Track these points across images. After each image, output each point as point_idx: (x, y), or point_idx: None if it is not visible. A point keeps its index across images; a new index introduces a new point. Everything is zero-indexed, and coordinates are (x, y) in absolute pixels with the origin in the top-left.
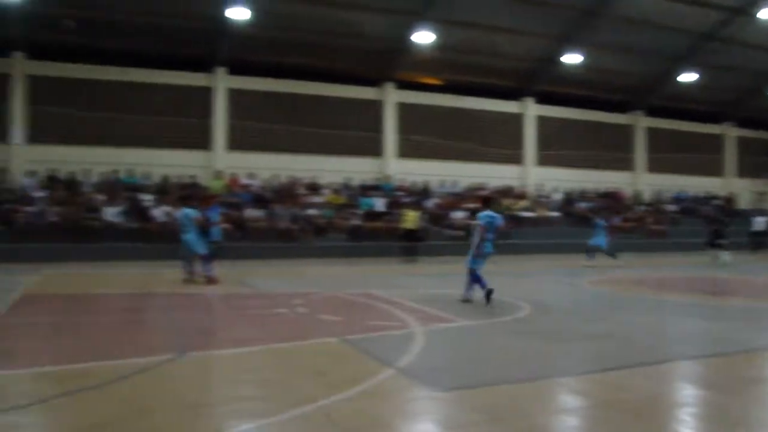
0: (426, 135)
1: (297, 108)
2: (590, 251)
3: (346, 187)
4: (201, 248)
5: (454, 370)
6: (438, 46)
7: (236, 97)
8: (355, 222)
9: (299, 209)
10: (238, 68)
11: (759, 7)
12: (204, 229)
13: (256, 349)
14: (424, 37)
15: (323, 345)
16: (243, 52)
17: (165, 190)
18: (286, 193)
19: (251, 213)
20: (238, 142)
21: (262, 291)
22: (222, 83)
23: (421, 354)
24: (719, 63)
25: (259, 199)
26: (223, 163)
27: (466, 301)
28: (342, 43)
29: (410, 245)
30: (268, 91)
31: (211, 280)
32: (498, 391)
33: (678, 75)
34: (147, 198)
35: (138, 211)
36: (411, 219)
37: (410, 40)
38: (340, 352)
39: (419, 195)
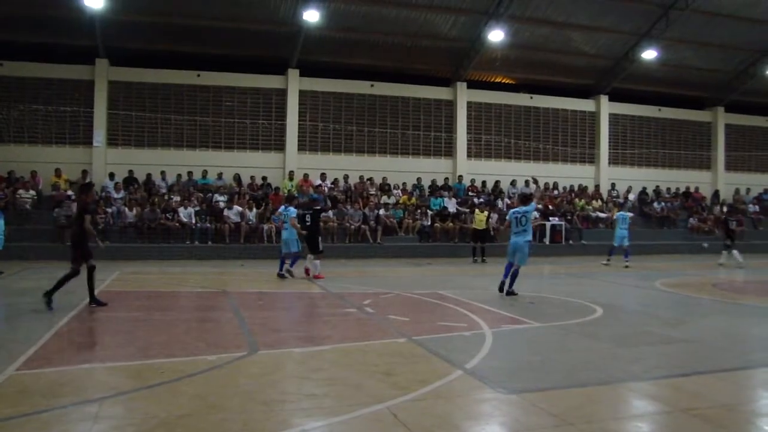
0: (497, 134)
1: (368, 108)
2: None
3: (416, 187)
4: (295, 246)
5: (523, 372)
6: (510, 44)
7: (308, 98)
8: (426, 222)
9: (370, 209)
10: (310, 70)
11: None
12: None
13: (325, 348)
14: (496, 35)
15: (392, 345)
16: (315, 54)
17: (238, 192)
18: (356, 194)
19: (322, 213)
20: (310, 143)
21: (332, 291)
22: (294, 85)
23: (490, 355)
24: None
25: (330, 200)
26: (294, 164)
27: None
28: (413, 43)
29: (480, 245)
30: (339, 92)
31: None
32: (567, 395)
33: (762, 70)
34: (220, 199)
35: (212, 212)
36: (480, 219)
37: (483, 38)
38: (409, 353)
39: (490, 195)
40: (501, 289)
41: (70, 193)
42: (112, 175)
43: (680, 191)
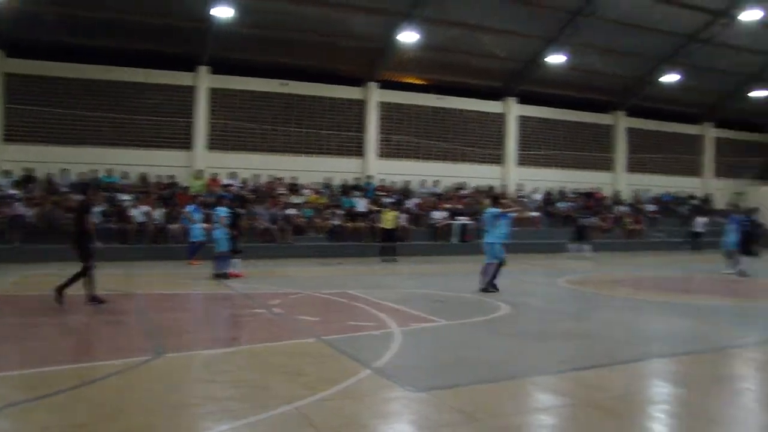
0: (408, 135)
1: (279, 107)
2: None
3: (327, 187)
4: (223, 246)
5: (432, 370)
6: (423, 46)
7: (218, 96)
8: (336, 222)
9: (279, 209)
10: (220, 67)
11: (740, 10)
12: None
13: (233, 349)
14: (409, 36)
15: (300, 345)
16: (225, 51)
17: (144, 190)
18: (266, 193)
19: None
20: (219, 141)
21: (240, 291)
22: (204, 82)
23: (399, 354)
24: (701, 64)
25: (240, 199)
26: (203, 162)
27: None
28: (325, 42)
29: (388, 245)
30: (252, 91)
31: (231, 276)
32: (475, 391)
33: (660, 76)
34: (126, 198)
35: (117, 212)
36: (389, 219)
37: (395, 39)
38: (318, 353)
39: (400, 195)
40: (494, 288)
41: None
42: (6, 173)
43: (584, 192)
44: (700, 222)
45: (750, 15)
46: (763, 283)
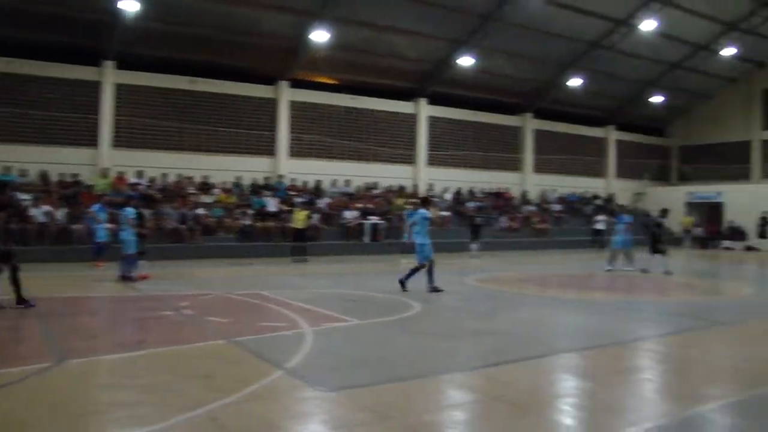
0: (319, 134)
1: (188, 105)
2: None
3: (237, 186)
4: (131, 248)
5: (344, 370)
6: (334, 46)
7: (124, 92)
8: (246, 222)
9: (188, 209)
10: (127, 62)
11: (640, 19)
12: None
13: (140, 353)
14: (320, 35)
15: (211, 347)
16: (132, 46)
17: (45, 189)
18: (175, 193)
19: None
20: (126, 139)
21: (148, 293)
22: (110, 77)
23: (311, 354)
24: (603, 70)
25: (147, 199)
26: (108, 160)
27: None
28: (236, 40)
29: (300, 245)
30: (159, 87)
31: (138, 278)
32: (386, 390)
33: (566, 80)
34: (25, 197)
35: (16, 212)
36: (300, 218)
37: (307, 38)
38: (229, 355)
39: (311, 194)
40: (435, 290)
41: None
42: None
43: (493, 192)
44: (601, 220)
45: (648, 25)
46: (660, 279)
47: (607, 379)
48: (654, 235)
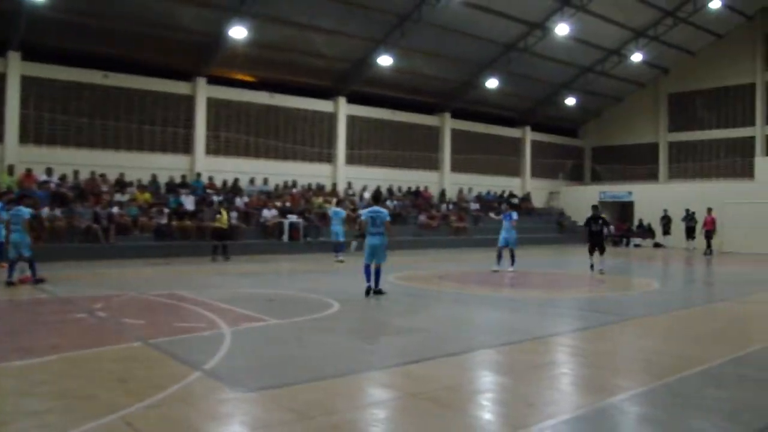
0: (237, 132)
1: (102, 100)
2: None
3: (153, 184)
4: (28, 250)
5: (263, 370)
6: (253, 43)
7: (31, 85)
8: (163, 221)
9: (102, 207)
10: (34, 54)
11: (554, 24)
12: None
13: (51, 358)
14: (239, 32)
15: (126, 350)
16: (40, 37)
17: None
18: (87, 191)
19: (48, 212)
20: (34, 134)
21: (59, 295)
22: (15, 70)
23: (230, 355)
24: (519, 72)
25: (58, 197)
26: (15, 157)
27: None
28: (152, 34)
29: (221, 244)
30: (70, 81)
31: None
32: (307, 389)
33: (483, 81)
34: None
35: None
36: (223, 218)
37: (225, 34)
38: (144, 357)
39: (229, 193)
40: (368, 293)
41: None
42: None
43: (411, 190)
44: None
45: (562, 29)
46: (573, 275)
47: (525, 374)
48: (594, 234)
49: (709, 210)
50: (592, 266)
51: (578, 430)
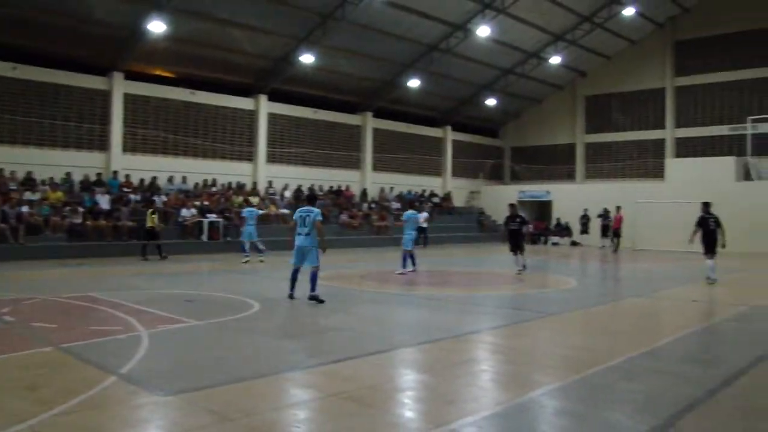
0: (156, 129)
1: (11, 94)
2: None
3: (66, 182)
4: None
5: (181, 373)
6: (172, 37)
7: None
8: (77, 220)
9: (11, 206)
10: None
11: (476, 25)
12: None
13: None
14: (157, 26)
15: (36, 356)
16: None
17: None
18: None
19: None
20: None
21: None
22: None
23: (147, 358)
24: (441, 72)
25: None
26: None
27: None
28: (66, 25)
29: (153, 243)
30: None
31: None
32: (227, 391)
33: (405, 81)
34: None
35: None
36: (154, 217)
37: (143, 28)
38: (56, 363)
39: (147, 192)
40: (291, 297)
41: None
42: None
43: (333, 189)
44: (422, 217)
45: (483, 31)
46: (492, 274)
47: (446, 372)
48: (512, 233)
49: (618, 208)
50: (524, 266)
51: (498, 426)
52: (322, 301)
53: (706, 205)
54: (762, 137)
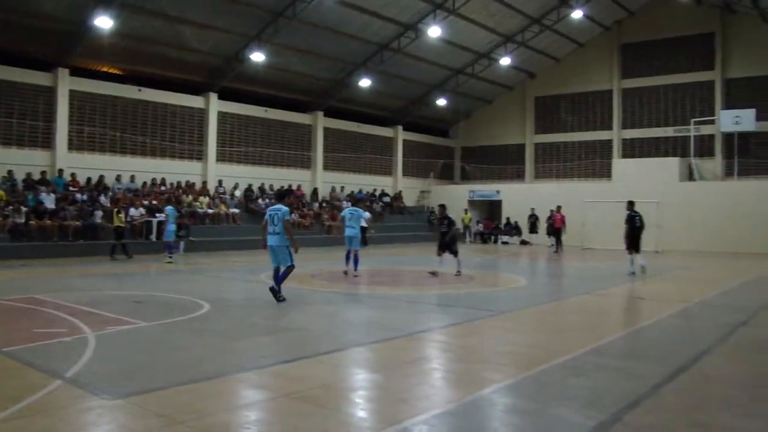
0: (103, 127)
1: None
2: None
3: (9, 181)
4: None
5: (130, 375)
6: (119, 33)
7: None
8: (20, 220)
9: None
10: None
11: (427, 26)
12: None
13: None
14: (104, 22)
15: None
16: None
17: None
18: None
19: None
20: None
21: None
22: None
23: (94, 361)
24: (392, 72)
25: None
26: None
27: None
28: (9, 19)
29: (120, 243)
30: None
31: None
32: (177, 393)
33: (356, 80)
34: None
35: None
36: (120, 217)
37: (89, 23)
38: None
39: (93, 191)
40: (276, 295)
41: None
42: None
43: (283, 188)
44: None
45: (434, 31)
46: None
47: (397, 371)
48: (442, 235)
49: (558, 208)
50: (458, 272)
51: (450, 424)
52: (281, 300)
53: (631, 204)
54: (704, 139)
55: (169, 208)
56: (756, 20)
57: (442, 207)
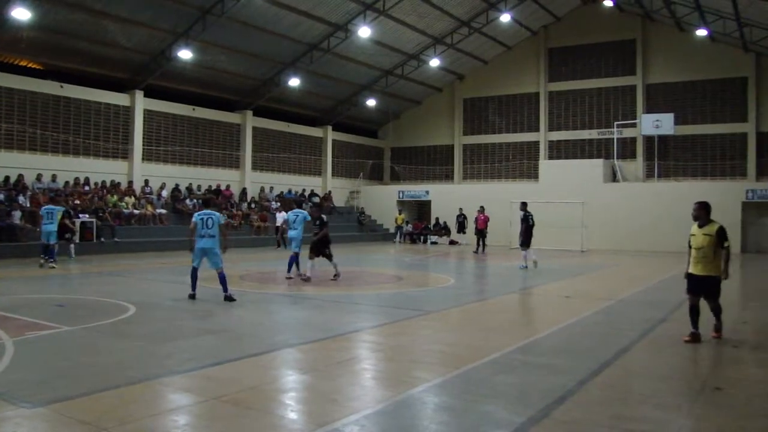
0: (22, 124)
1: None
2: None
3: None
4: None
5: (52, 382)
6: (40, 27)
7: None
8: None
9: None
10: None
11: (357, 26)
12: None
13: None
14: (22, 13)
15: None
16: None
17: None
18: None
19: None
20: None
21: None
22: None
23: (12, 368)
24: (321, 72)
25: None
26: None
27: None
28: None
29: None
30: None
31: None
32: (101, 399)
33: (285, 80)
34: None
35: None
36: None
37: (5, 15)
38: None
39: (12, 191)
40: (193, 297)
41: None
42: None
43: (212, 188)
44: (281, 217)
45: (364, 32)
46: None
47: (328, 371)
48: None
49: (482, 209)
50: (336, 275)
51: (380, 424)
52: (234, 299)
53: (524, 205)
54: (626, 141)
55: (49, 207)
56: (673, 29)
57: (315, 206)
